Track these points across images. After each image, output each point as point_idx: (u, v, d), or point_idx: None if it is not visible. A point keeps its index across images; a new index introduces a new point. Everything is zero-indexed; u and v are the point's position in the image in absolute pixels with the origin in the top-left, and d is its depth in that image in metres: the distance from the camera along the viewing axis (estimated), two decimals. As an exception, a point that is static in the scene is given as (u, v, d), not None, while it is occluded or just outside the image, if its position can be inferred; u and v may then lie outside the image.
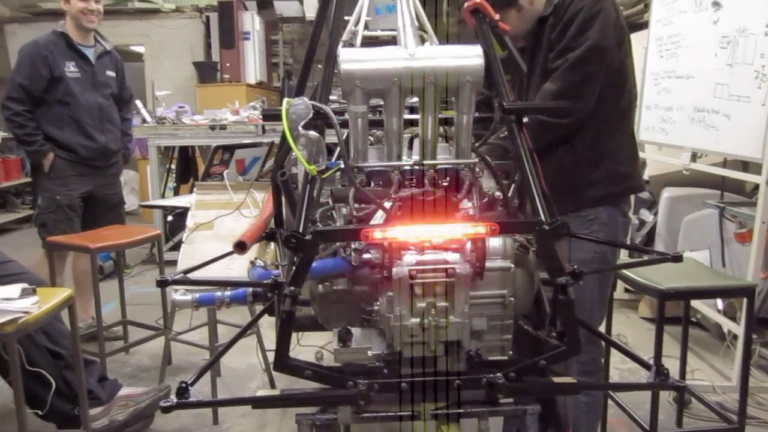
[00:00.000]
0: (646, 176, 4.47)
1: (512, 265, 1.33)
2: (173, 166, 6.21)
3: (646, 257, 1.68)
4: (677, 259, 1.46)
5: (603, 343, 2.13)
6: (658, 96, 3.90)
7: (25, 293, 2.08)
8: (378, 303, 1.31)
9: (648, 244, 4.31)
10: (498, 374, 1.27)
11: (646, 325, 4.02)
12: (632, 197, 2.58)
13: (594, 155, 1.98)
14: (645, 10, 4.64)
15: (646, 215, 4.46)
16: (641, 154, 4.19)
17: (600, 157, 1.99)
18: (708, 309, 3.53)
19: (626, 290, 4.16)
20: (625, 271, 2.49)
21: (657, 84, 3.92)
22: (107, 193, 3.93)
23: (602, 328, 2.39)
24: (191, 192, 5.35)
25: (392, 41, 1.90)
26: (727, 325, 3.38)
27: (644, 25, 4.38)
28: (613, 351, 2.59)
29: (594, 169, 1.99)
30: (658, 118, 3.87)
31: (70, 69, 3.66)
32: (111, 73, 3.88)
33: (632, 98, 2.04)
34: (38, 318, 2.07)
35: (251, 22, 7.64)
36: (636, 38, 4.64)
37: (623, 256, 3.72)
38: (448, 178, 1.39)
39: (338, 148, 1.37)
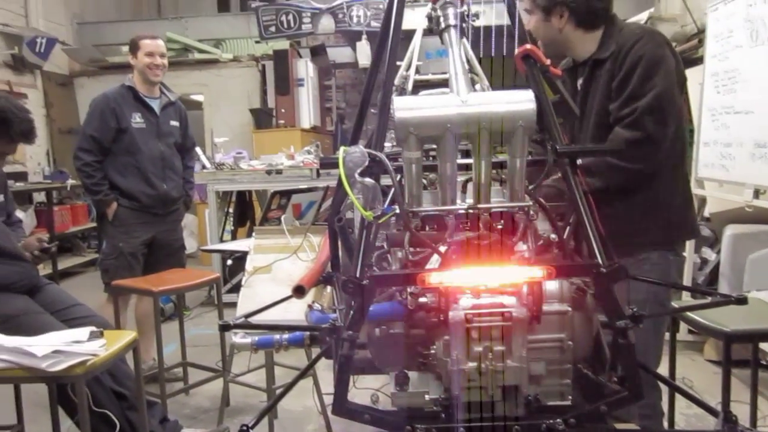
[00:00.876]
0: (706, 213, 4.36)
1: (570, 309, 1.32)
2: (231, 210, 6.38)
3: (709, 298, 1.64)
4: (741, 301, 1.42)
5: (663, 386, 2.07)
6: (716, 132, 3.82)
7: (93, 336, 2.16)
8: (435, 347, 1.31)
9: (711, 283, 4.17)
10: (558, 420, 1.26)
11: (712, 368, 3.87)
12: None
13: (648, 203, 1.97)
14: (699, 45, 4.59)
15: (709, 254, 4.32)
16: (701, 191, 4.13)
17: (654, 205, 1.98)
18: (779, 351, 3.38)
19: (690, 331, 4.01)
20: (688, 312, 2.42)
21: (715, 120, 3.84)
22: (169, 239, 4.03)
23: (665, 371, 2.32)
24: (248, 235, 5.49)
25: (443, 83, 1.94)
26: (800, 368, 3.22)
27: (698, 61, 4.32)
28: (679, 396, 2.50)
29: (647, 217, 1.97)
30: (718, 154, 3.79)
31: (136, 120, 3.82)
32: (175, 123, 4.03)
33: (685, 142, 2.02)
34: (105, 360, 2.13)
35: (305, 68, 7.86)
36: (691, 74, 4.59)
37: (685, 295, 3.61)
38: (502, 222, 1.40)
39: (392, 191, 1.40)
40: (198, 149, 5.92)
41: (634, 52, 1.90)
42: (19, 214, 3.38)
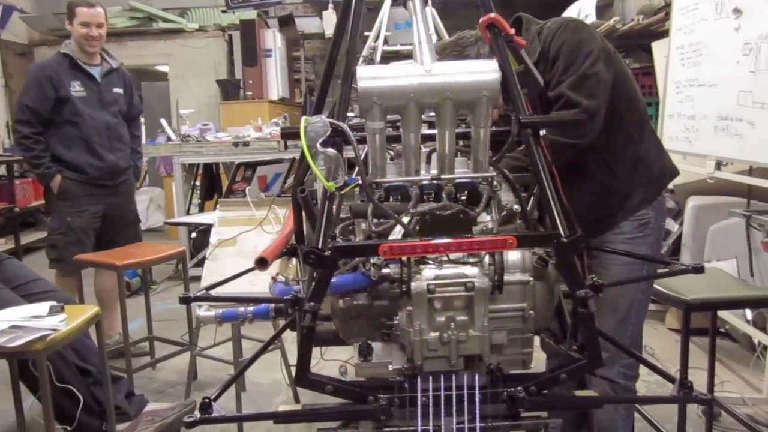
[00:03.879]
0: (670, 185, 4.42)
1: (531, 279, 1.33)
2: (198, 183, 6.30)
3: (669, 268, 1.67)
4: (698, 270, 1.45)
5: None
6: (681, 105, 3.87)
7: (53, 311, 2.12)
8: (398, 317, 1.31)
9: (674, 254, 4.25)
10: (518, 388, 1.27)
11: (674, 336, 3.96)
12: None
13: (627, 165, 2.01)
14: (666, 18, 4.61)
15: (672, 225, 4.40)
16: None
17: (633, 165, 2.02)
18: (737, 320, 3.46)
19: (652, 301, 4.09)
20: (649, 282, 2.46)
21: (679, 93, 3.88)
22: (121, 212, 3.92)
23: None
24: (216, 208, 5.43)
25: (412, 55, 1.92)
26: (756, 335, 3.31)
27: (665, 34, 4.35)
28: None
29: (632, 178, 2.02)
30: (682, 126, 3.83)
31: (76, 88, 3.67)
32: (118, 90, 3.87)
33: (642, 104, 2.08)
34: (67, 335, 2.10)
35: (273, 39, 7.73)
36: (657, 47, 4.64)
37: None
38: (466, 192, 1.40)
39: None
40: (163, 121, 5.83)
41: (554, 44, 1.92)
42: (-23, 187, 3.29)
